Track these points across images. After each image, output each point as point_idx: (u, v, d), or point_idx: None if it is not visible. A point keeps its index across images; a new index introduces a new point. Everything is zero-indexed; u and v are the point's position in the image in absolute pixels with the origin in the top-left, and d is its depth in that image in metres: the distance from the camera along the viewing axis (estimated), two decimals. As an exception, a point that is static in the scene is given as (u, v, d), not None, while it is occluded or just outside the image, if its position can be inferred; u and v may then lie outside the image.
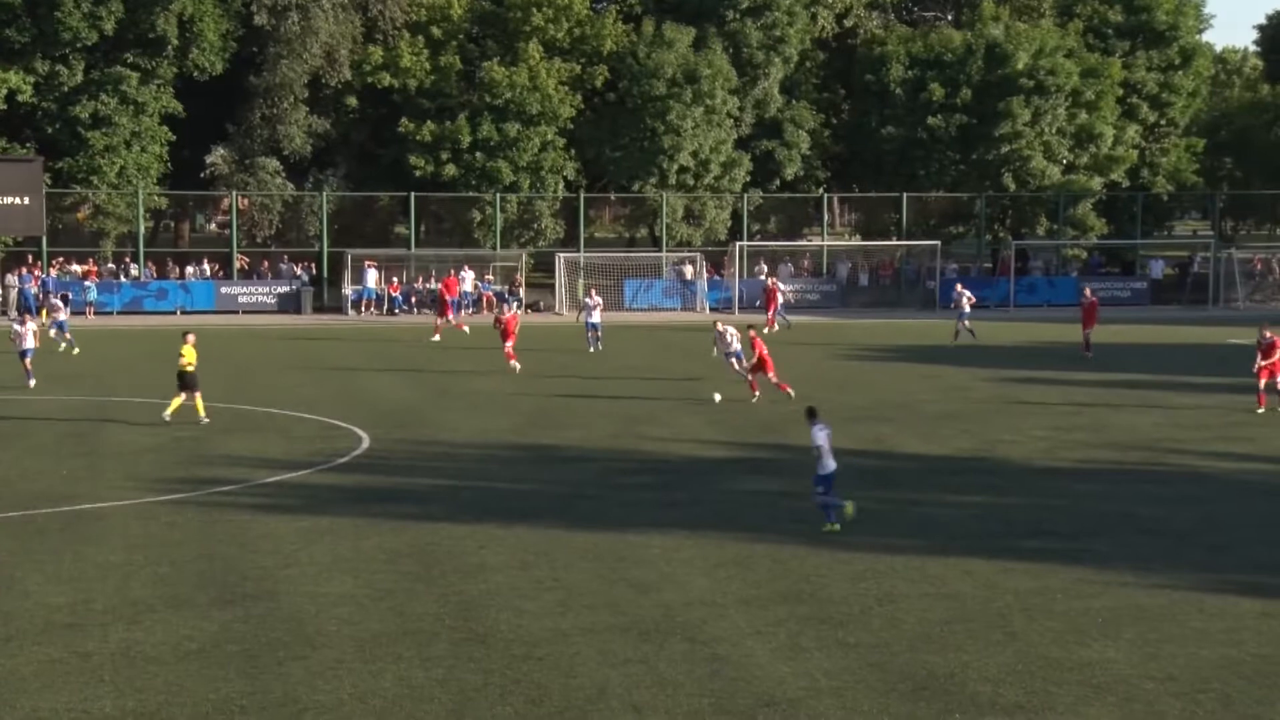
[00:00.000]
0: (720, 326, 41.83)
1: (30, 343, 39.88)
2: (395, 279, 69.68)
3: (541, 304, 70.45)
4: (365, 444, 31.14)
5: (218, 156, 69.56)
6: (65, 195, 68.10)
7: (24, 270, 65.20)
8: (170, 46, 67.14)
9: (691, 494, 26.51)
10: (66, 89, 66.67)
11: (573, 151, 72.53)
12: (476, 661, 16.68)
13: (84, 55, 66.48)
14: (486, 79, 70.01)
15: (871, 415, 35.80)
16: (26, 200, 64.44)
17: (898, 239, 76.76)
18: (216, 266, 70.96)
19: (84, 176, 67.28)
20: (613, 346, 50.69)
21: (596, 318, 50.82)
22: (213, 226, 76.39)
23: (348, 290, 68.55)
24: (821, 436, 23.46)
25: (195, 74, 68.43)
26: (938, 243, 73.97)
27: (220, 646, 17.14)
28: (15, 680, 15.94)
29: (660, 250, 73.57)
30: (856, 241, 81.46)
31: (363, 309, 67.87)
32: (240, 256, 70.90)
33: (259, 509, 24.74)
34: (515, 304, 64.67)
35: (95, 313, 64.66)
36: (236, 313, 66.70)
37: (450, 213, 72.39)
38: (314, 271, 70.46)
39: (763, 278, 67.92)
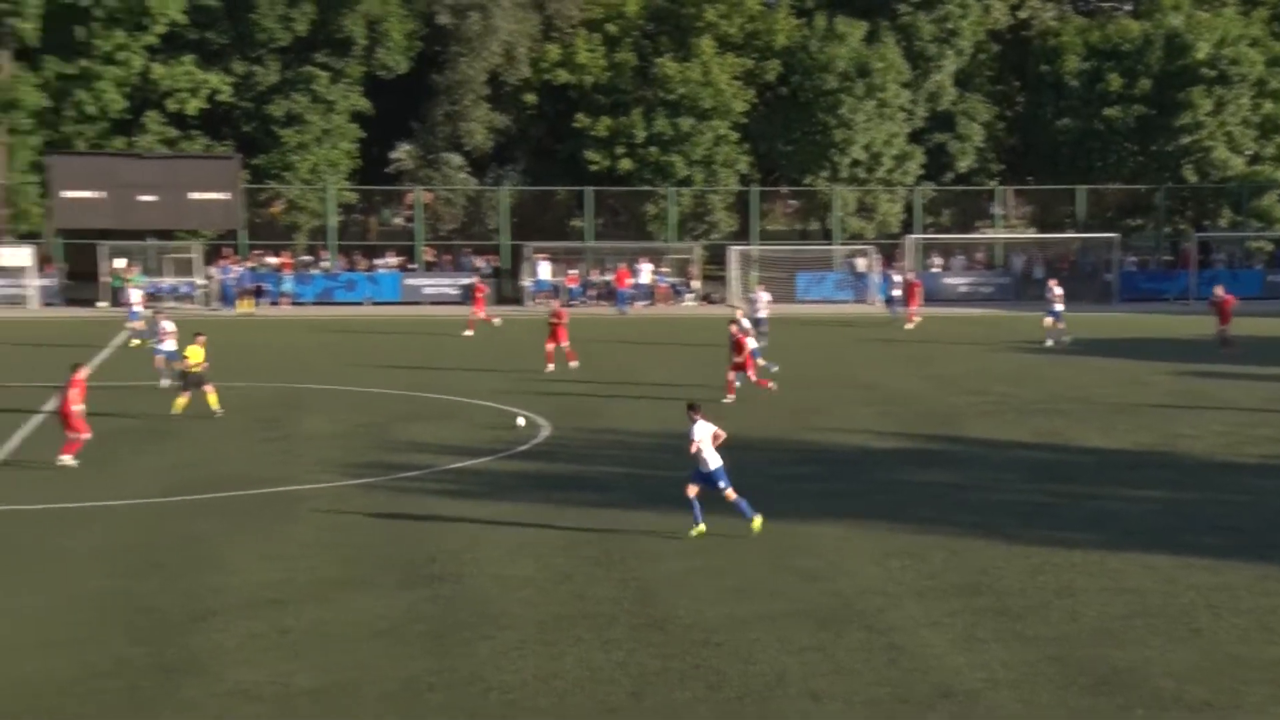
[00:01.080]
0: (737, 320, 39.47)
1: (170, 345, 37.76)
2: (572, 271, 70.13)
3: (713, 296, 70.34)
4: (545, 432, 31.35)
5: (403, 152, 70.70)
6: (261, 191, 69.73)
7: (224, 262, 66.90)
8: (358, 46, 68.36)
9: (861, 485, 26.26)
10: (262, 89, 68.35)
11: (746, 145, 72.30)
12: (655, 646, 16.68)
13: (278, 56, 68.02)
14: (661, 74, 70.11)
15: (1046, 408, 35.11)
16: (226, 196, 66.14)
17: (1074, 231, 75.31)
18: (403, 258, 72.08)
19: (278, 173, 68.84)
20: (783, 338, 50.38)
21: (763, 313, 49.75)
22: (398, 220, 77.50)
23: (526, 282, 69.14)
24: (700, 432, 22.31)
25: (382, 73, 69.60)
26: (1116, 235, 72.29)
27: (408, 625, 17.37)
28: (221, 653, 16.31)
29: (832, 243, 73.09)
30: (1031, 234, 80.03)
31: (537, 300, 68.41)
32: (425, 249, 71.93)
33: (444, 494, 25.03)
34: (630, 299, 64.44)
35: (291, 303, 66.10)
36: (420, 304, 67.62)
37: (625, 206, 72.62)
38: (495, 264, 71.23)
39: (900, 275, 66.70)
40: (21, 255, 65.05)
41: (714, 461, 22.18)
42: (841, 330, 55.98)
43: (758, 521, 21.96)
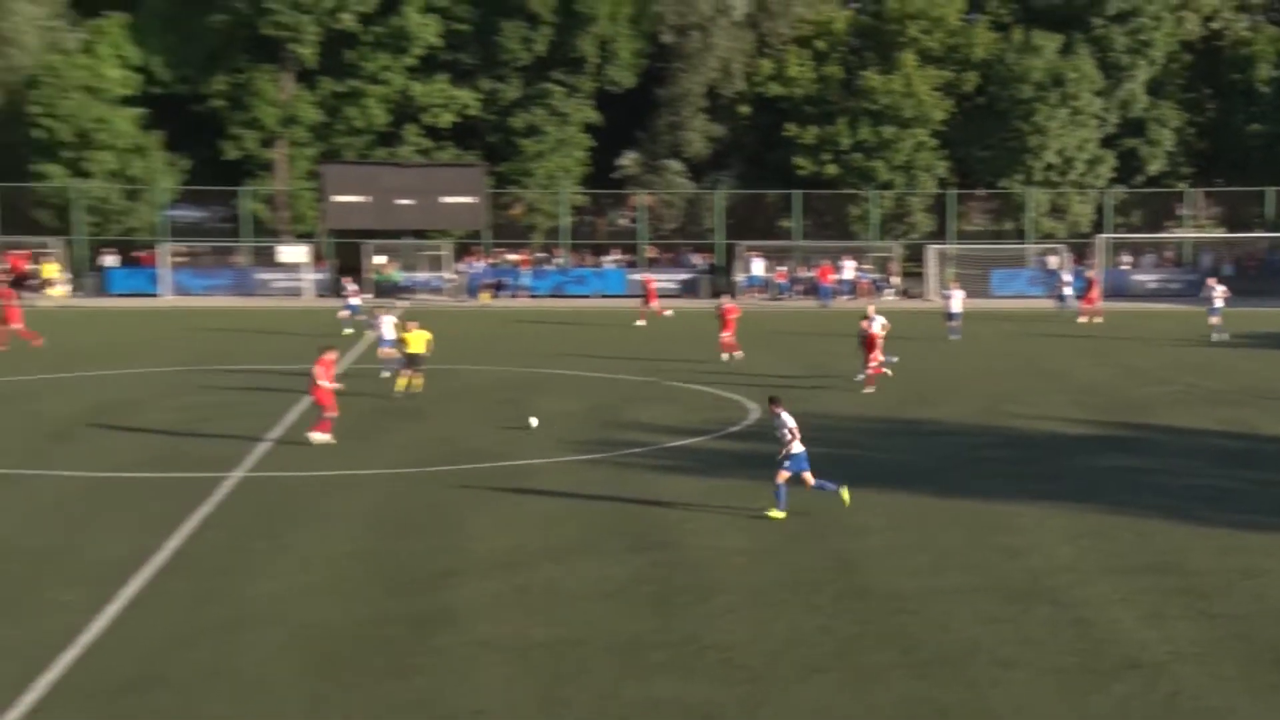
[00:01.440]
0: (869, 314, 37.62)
1: (390, 333, 36.95)
2: (781, 267, 69.94)
3: (911, 291, 69.51)
4: (754, 415, 31.25)
5: (629, 159, 71.14)
6: (503, 195, 70.87)
7: (470, 259, 68.22)
8: (590, 64, 69.03)
9: (1053, 468, 25.58)
10: (505, 103, 69.49)
11: (944, 151, 71.27)
12: (856, 613, 16.52)
13: (520, 74, 69.04)
14: (865, 86, 69.45)
15: (1234, 399, 33.83)
16: (472, 200, 67.50)
17: (1262, 231, 72.44)
18: (628, 256, 72.62)
19: (518, 178, 69.95)
20: (978, 331, 49.55)
21: (957, 307, 48.78)
22: (623, 221, 78.09)
23: (739, 277, 69.18)
24: (791, 421, 21.50)
25: (611, 87, 70.16)
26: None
27: (633, 588, 17.46)
28: (467, 607, 16.59)
29: (1025, 242, 71.57)
30: (1221, 234, 77.19)
31: (751, 294, 68.40)
32: (648, 247, 72.35)
33: (664, 469, 25.07)
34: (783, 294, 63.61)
35: (528, 296, 67.14)
36: (642, 296, 67.80)
37: (830, 208, 72.08)
38: (711, 261, 71.41)
39: (1065, 273, 64.68)
40: (299, 253, 67.25)
41: (798, 448, 21.47)
42: (1033, 324, 54.72)
43: (845, 492, 21.48)
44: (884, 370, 35.84)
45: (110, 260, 67.36)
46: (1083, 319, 54.12)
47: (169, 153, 67.36)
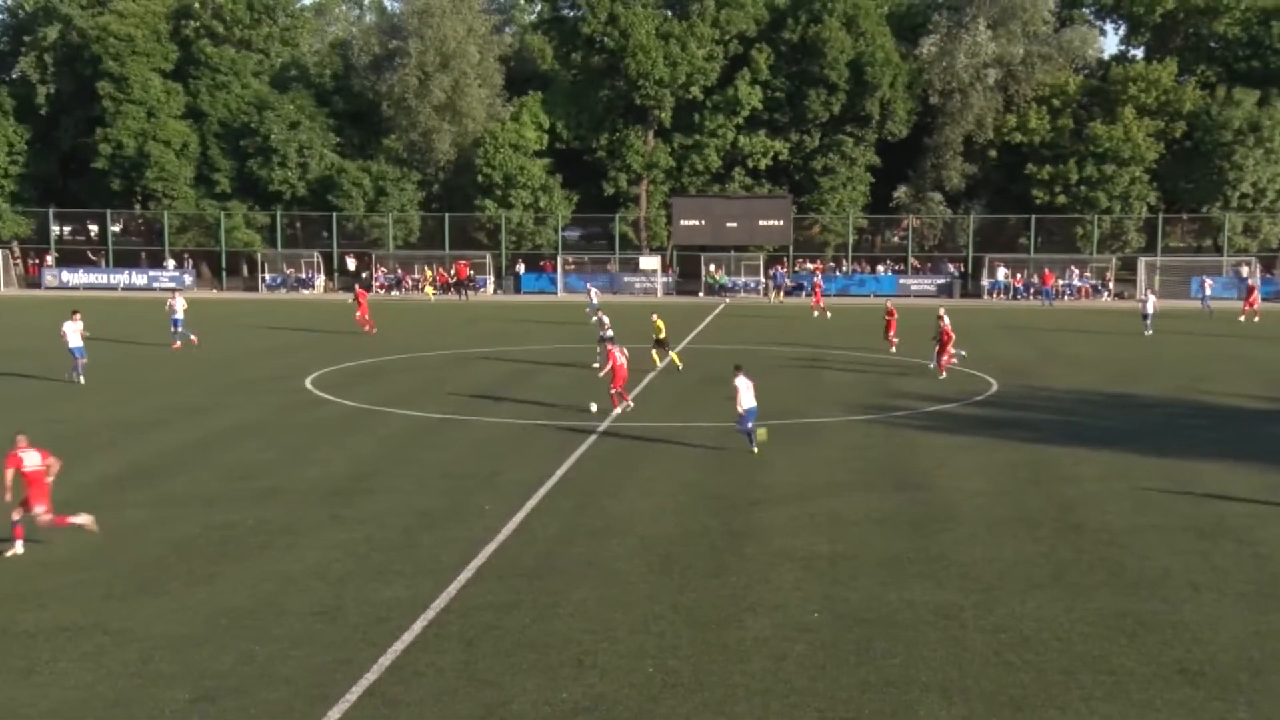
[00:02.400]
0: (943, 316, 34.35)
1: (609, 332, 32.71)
2: (1018, 275, 67.04)
3: (1124, 294, 65.40)
4: (994, 388, 30.11)
5: (900, 191, 69.33)
6: (804, 219, 70.27)
7: (777, 268, 68.00)
8: (874, 120, 67.58)
9: (1239, 433, 23.70)
10: (807, 150, 68.73)
11: (1154, 184, 66.52)
12: (1071, 543, 15.72)
13: (819, 128, 68.18)
14: (1091, 134, 65.51)
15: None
16: (780, 223, 67.21)
17: None
18: (897, 265, 70.89)
19: (816, 207, 69.16)
20: (1176, 326, 46.25)
21: (1150, 309, 45.27)
22: (895, 239, 76.20)
23: (985, 282, 66.66)
24: (741, 384, 21.24)
25: (888, 137, 68.50)
26: None
27: (895, 516, 17.07)
28: (768, 527, 16.56)
29: (1221, 255, 66.24)
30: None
31: (994, 295, 65.83)
32: (913, 259, 70.48)
33: (921, 428, 24.47)
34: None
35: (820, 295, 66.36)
36: (908, 296, 66.40)
37: (1060, 228, 68.42)
38: (963, 269, 68.98)
39: (1209, 281, 59.02)
40: (653, 262, 68.43)
41: (747, 404, 21.24)
42: (1225, 322, 50.68)
43: (763, 432, 21.32)
44: (953, 360, 32.38)
45: (522, 268, 70.13)
46: (1241, 318, 49.85)
47: (565, 190, 69.57)
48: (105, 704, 10.65)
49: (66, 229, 76.87)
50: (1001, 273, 66.92)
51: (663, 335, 33.59)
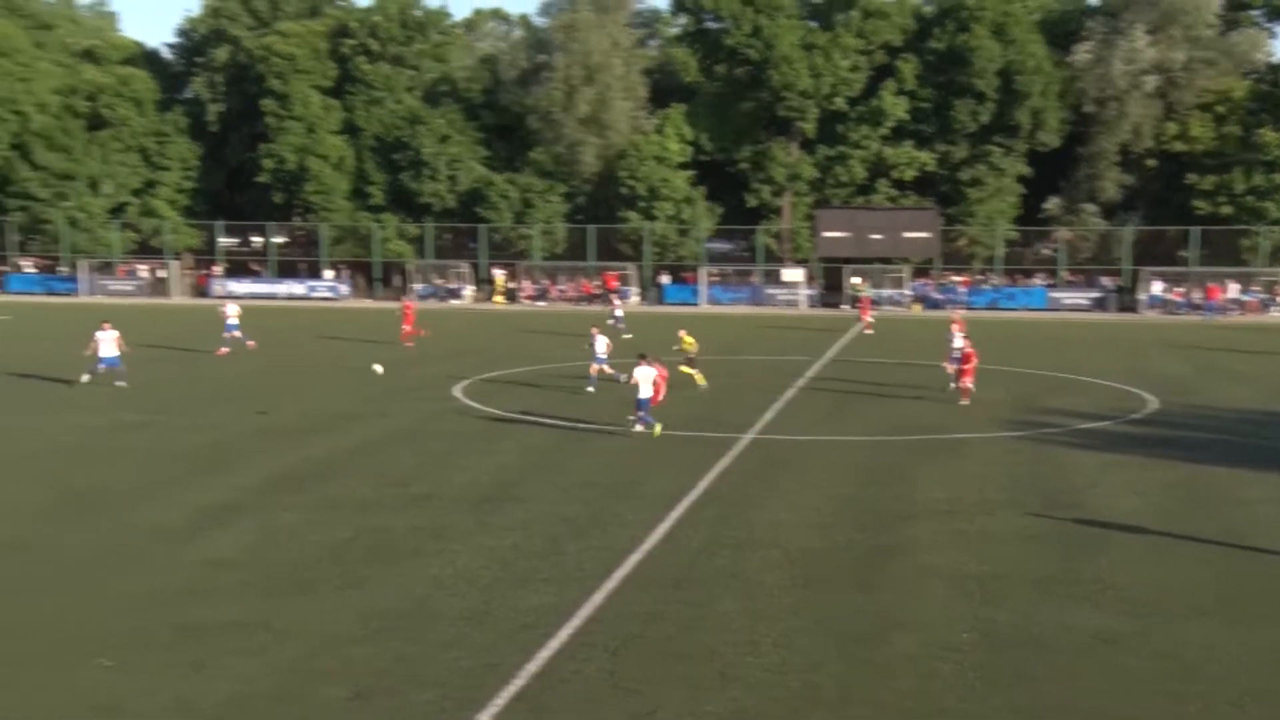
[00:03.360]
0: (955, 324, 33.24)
1: (602, 350, 31.09)
2: (1179, 288, 64.34)
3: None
4: (1151, 405, 28.92)
5: (1052, 203, 67.37)
6: (951, 231, 68.87)
7: (921, 280, 66.69)
8: (1024, 130, 65.85)
9: None
10: (954, 161, 67.39)
11: (1329, 193, 63.17)
12: (1237, 568, 14.97)
13: (967, 139, 66.78)
14: (1260, 141, 62.57)
15: None
16: (927, 235, 66.01)
17: None
18: (1049, 279, 68.76)
19: (963, 219, 67.71)
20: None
21: None
22: (1046, 251, 73.94)
23: (1141, 296, 64.20)
24: (641, 374, 23.04)
25: (1040, 147, 66.67)
26: None
27: (1046, 536, 16.51)
28: (917, 544, 16.24)
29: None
30: None
31: (1152, 310, 63.31)
32: (1065, 272, 68.30)
33: (1073, 446, 23.64)
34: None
35: (965, 309, 64.83)
36: (1060, 311, 64.47)
37: (1223, 240, 65.43)
38: (1119, 283, 66.53)
39: None
40: (797, 274, 68.00)
41: (644, 394, 23.02)
42: None
43: (658, 429, 22.93)
44: (968, 385, 29.32)
45: (665, 279, 70.45)
46: None
47: (708, 202, 69.68)
48: (269, 698, 11.07)
49: (232, 240, 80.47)
50: (1159, 286, 64.35)
51: (693, 351, 32.10)
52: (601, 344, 30.96)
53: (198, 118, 74.21)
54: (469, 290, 71.09)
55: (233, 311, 39.85)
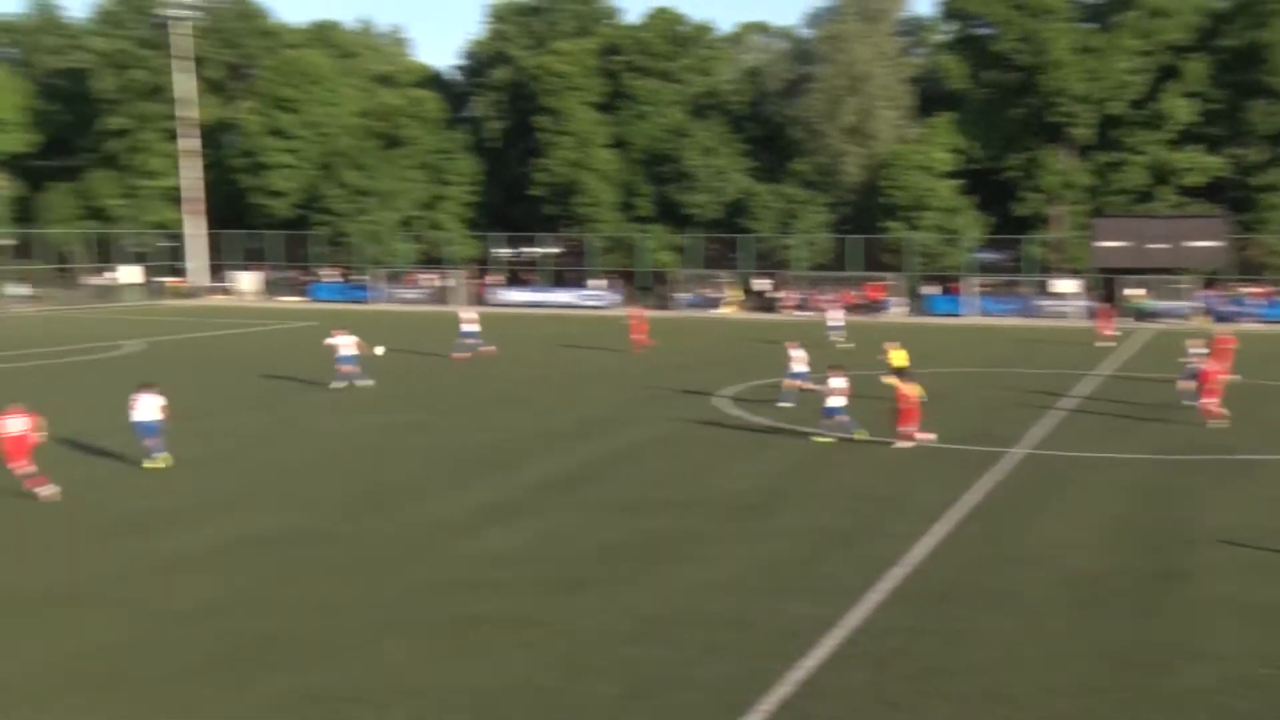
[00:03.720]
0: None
1: (801, 368, 30.12)
2: None
3: None
4: None
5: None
6: (1242, 239, 63.90)
7: (1209, 291, 62.13)
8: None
9: None
10: (1248, 165, 62.54)
11: None
12: None
13: (1263, 141, 61.84)
14: None
15: None
16: (1212, 244, 61.63)
17: None
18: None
19: (1256, 226, 62.68)
20: None
21: None
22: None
23: None
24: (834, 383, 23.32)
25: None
26: None
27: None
28: (1206, 570, 15.10)
29: None
30: None
31: None
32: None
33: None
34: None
35: (1259, 322, 59.99)
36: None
37: None
38: None
39: None
40: (1070, 285, 64.89)
41: (834, 403, 23.40)
42: None
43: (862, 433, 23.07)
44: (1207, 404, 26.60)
45: (929, 289, 68.71)
46: None
47: (976, 211, 67.51)
48: (551, 691, 11.60)
49: (506, 251, 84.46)
50: None
51: (903, 365, 30.71)
52: (799, 358, 30.10)
53: (479, 135, 78.37)
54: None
55: (470, 318, 41.88)
